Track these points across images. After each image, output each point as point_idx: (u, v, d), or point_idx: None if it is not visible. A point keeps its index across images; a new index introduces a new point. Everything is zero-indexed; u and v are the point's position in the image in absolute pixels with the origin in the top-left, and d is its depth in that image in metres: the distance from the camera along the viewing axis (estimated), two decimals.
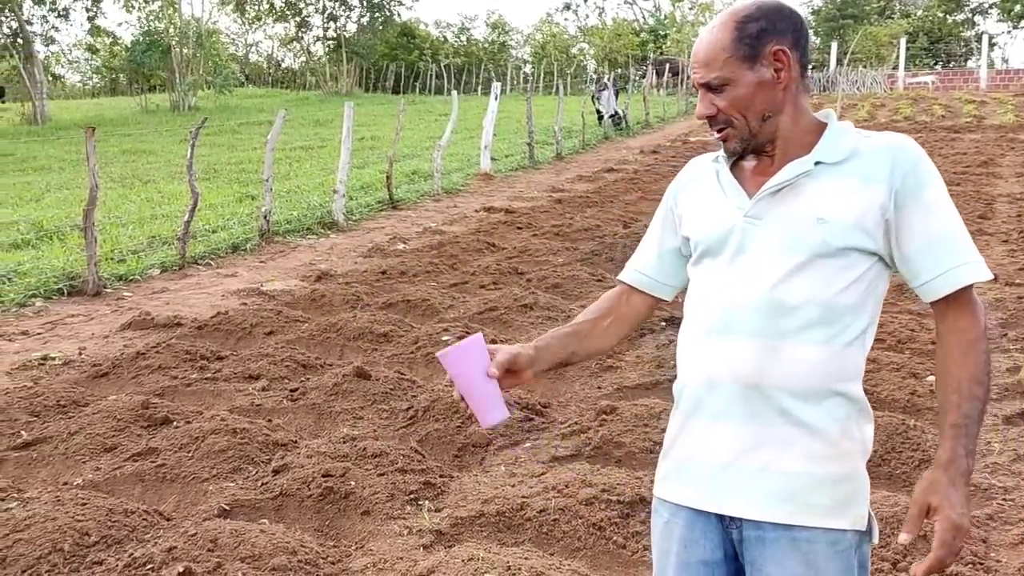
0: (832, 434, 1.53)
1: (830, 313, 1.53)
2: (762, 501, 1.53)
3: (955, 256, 1.53)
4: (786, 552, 1.52)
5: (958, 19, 47.97)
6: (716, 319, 1.59)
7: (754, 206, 1.59)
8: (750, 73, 1.56)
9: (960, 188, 11.13)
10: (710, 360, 1.59)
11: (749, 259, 1.58)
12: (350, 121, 10.86)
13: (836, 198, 1.54)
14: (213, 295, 7.21)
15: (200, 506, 3.44)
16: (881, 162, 1.54)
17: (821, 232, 1.53)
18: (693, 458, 1.61)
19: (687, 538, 1.61)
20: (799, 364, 1.53)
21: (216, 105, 32.87)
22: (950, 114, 22.06)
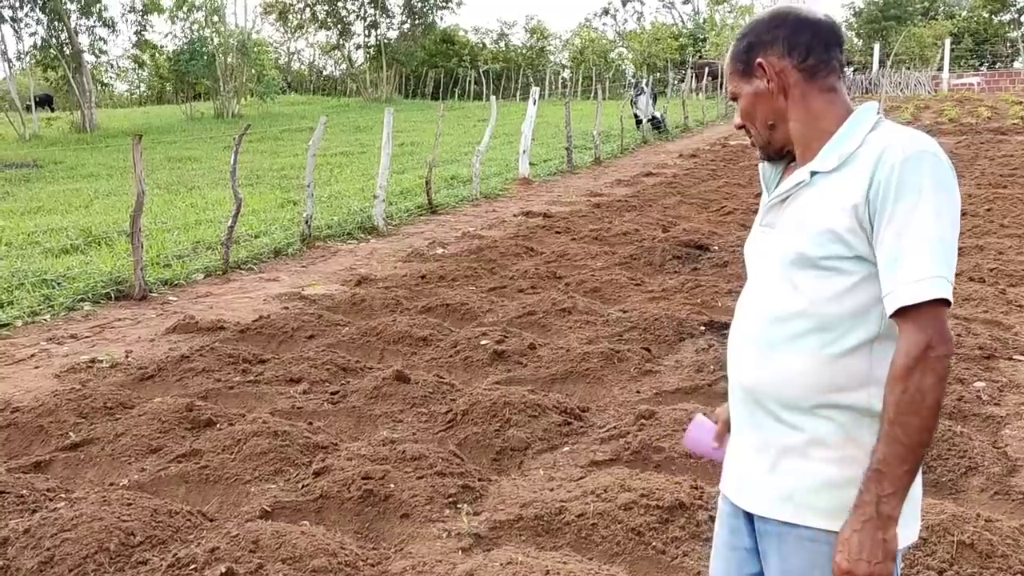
0: (834, 440, 1.54)
1: (822, 322, 1.53)
2: (768, 499, 1.61)
3: (901, 275, 1.45)
4: (792, 549, 1.58)
5: (1004, 19, 46.98)
6: (733, 327, 1.73)
7: (766, 215, 1.68)
8: (747, 86, 1.66)
9: (1007, 191, 10.89)
10: (729, 367, 1.74)
11: (758, 268, 1.67)
12: (390, 127, 10.95)
13: (817, 208, 1.55)
14: (255, 299, 7.32)
15: (242, 507, 3.48)
16: (864, 170, 1.51)
17: (801, 243, 1.55)
18: (729, 454, 1.75)
19: (733, 525, 1.74)
20: (787, 373, 1.57)
21: (259, 112, 33.36)
22: (996, 116, 21.61)
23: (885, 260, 1.48)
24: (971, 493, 3.51)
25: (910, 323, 1.45)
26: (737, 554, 1.71)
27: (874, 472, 1.46)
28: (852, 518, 1.47)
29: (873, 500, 1.45)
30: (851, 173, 1.54)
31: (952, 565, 2.84)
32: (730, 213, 10.48)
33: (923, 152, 1.47)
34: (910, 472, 1.45)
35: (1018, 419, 4.18)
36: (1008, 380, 4.70)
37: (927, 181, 1.46)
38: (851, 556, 1.45)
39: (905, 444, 1.44)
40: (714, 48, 46.05)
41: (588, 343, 5.49)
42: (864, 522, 1.45)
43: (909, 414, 1.43)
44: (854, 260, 1.51)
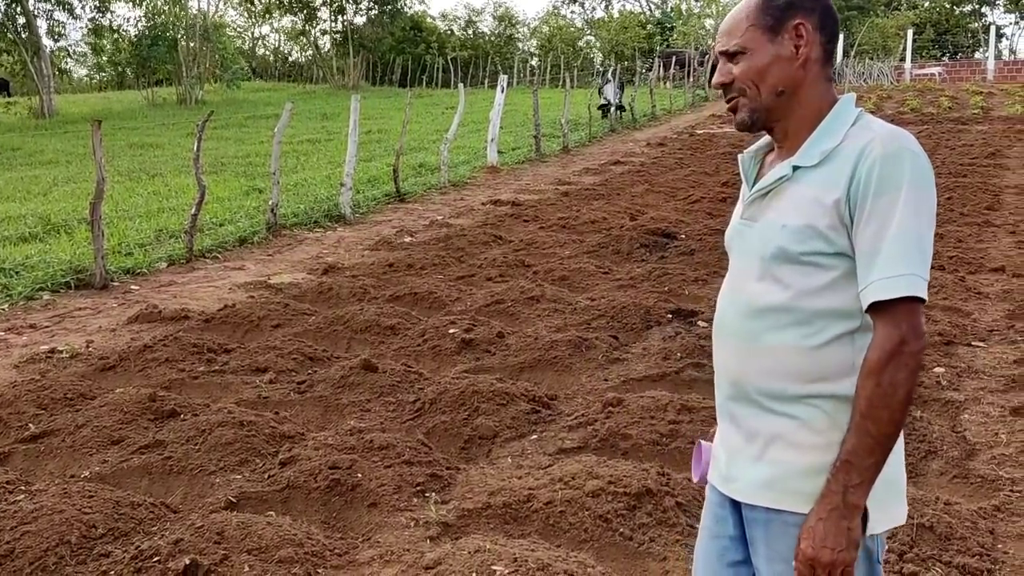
0: (819, 426, 1.56)
1: (803, 316, 1.55)
2: (753, 487, 1.62)
3: (877, 271, 1.46)
4: (777, 534, 1.59)
5: (965, 10, 47.71)
6: (716, 320, 1.72)
7: (747, 208, 1.66)
8: (769, 45, 1.57)
9: (967, 180, 11.08)
10: (715, 359, 1.72)
11: (739, 261, 1.66)
12: (357, 114, 10.86)
13: (800, 204, 1.55)
14: (220, 288, 7.23)
15: (207, 498, 3.45)
16: (845, 167, 1.51)
17: (782, 238, 1.55)
18: (717, 444, 1.75)
19: (718, 514, 1.74)
20: (772, 365, 1.58)
21: (223, 99, 32.88)
22: (957, 106, 21.94)
23: (862, 255, 1.49)
24: (931, 477, 3.57)
25: (885, 318, 1.46)
26: (720, 542, 1.72)
27: (843, 463, 1.48)
28: (818, 506, 1.49)
29: (840, 490, 1.47)
30: (833, 169, 1.54)
31: (912, 547, 2.89)
32: (697, 202, 10.54)
33: (903, 149, 1.49)
34: (877, 464, 1.48)
35: (976, 404, 4.26)
36: (967, 366, 4.79)
37: (907, 178, 1.47)
38: (816, 543, 1.48)
39: (875, 437, 1.46)
40: (681, 37, 46.20)
41: (556, 331, 5.50)
42: (830, 511, 1.47)
43: (881, 408, 1.45)
44: (835, 256, 1.52)
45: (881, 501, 1.54)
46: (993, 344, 5.18)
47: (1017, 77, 30.49)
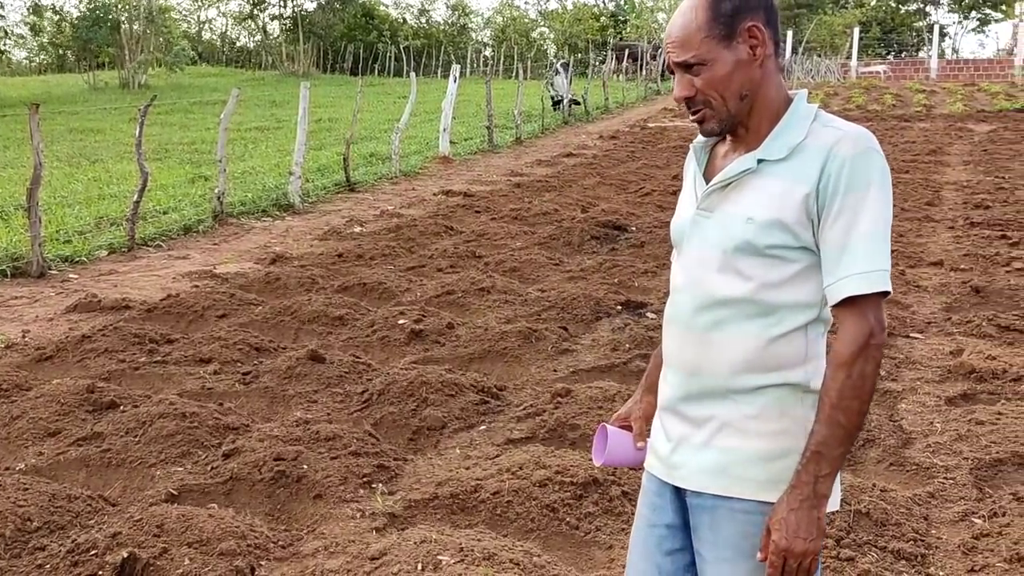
0: (771, 414, 1.59)
1: (766, 307, 1.57)
2: (701, 474, 1.63)
3: (849, 266, 1.50)
4: (723, 521, 1.61)
5: (910, 9, 48.83)
6: (670, 310, 1.70)
7: (705, 199, 1.64)
8: (727, 52, 1.56)
9: (908, 176, 11.35)
10: (667, 348, 1.71)
11: (696, 252, 1.64)
12: (306, 102, 10.71)
13: (767, 198, 1.55)
14: (164, 277, 7.08)
15: (147, 491, 3.38)
16: (814, 162, 1.53)
17: (748, 231, 1.56)
18: (657, 433, 1.75)
19: (655, 503, 1.74)
20: (729, 355, 1.60)
21: (168, 83, 32.17)
22: (901, 103, 22.45)
23: (831, 250, 1.52)
24: (868, 464, 3.66)
25: (855, 312, 1.50)
26: (656, 531, 1.72)
27: (813, 454, 1.50)
28: (789, 497, 1.51)
29: (811, 480, 1.50)
30: (800, 164, 1.55)
31: (849, 533, 2.96)
32: (648, 194, 10.62)
33: (871, 149, 1.53)
34: (844, 454, 1.53)
35: (913, 394, 4.38)
36: (905, 357, 4.91)
37: (875, 178, 1.51)
38: (789, 534, 1.50)
39: (845, 427, 1.50)
40: (635, 30, 46.50)
41: (506, 322, 5.51)
42: (802, 501, 1.50)
43: (851, 399, 1.49)
44: (799, 250, 1.54)
45: None
46: (930, 336, 5.32)
47: (959, 76, 31.29)
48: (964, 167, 12.30)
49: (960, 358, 4.79)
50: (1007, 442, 3.70)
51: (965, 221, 8.69)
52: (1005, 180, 10.91)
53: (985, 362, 4.65)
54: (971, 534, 3.07)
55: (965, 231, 8.28)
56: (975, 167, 12.15)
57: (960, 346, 5.02)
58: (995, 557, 2.92)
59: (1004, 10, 47.16)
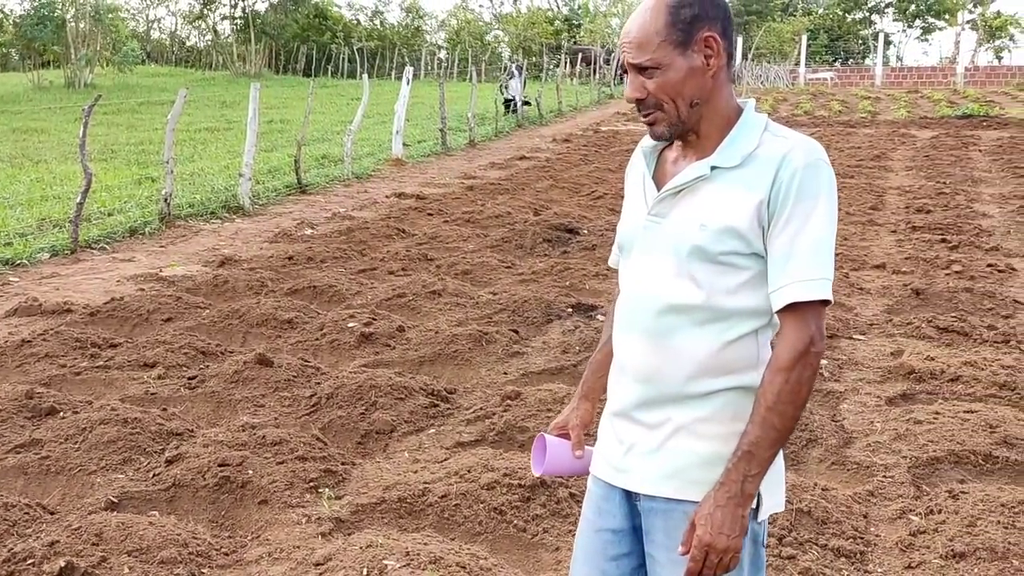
0: (723, 416, 1.61)
1: (718, 313, 1.59)
2: (654, 477, 1.64)
3: (792, 273, 1.53)
4: (677, 524, 1.61)
5: (856, 17, 49.87)
6: (621, 316, 1.70)
7: (657, 205, 1.64)
8: (682, 59, 1.57)
9: (854, 180, 11.59)
10: (618, 354, 1.71)
11: (647, 258, 1.64)
12: (256, 103, 10.58)
13: (719, 205, 1.57)
14: (108, 280, 6.94)
15: (86, 499, 3.31)
16: (767, 171, 1.56)
17: (701, 238, 1.57)
18: (607, 437, 1.73)
19: (601, 507, 1.74)
20: (681, 360, 1.61)
21: (115, 83, 31.48)
22: (847, 109, 22.92)
23: (777, 257, 1.55)
24: (810, 464, 3.73)
25: (796, 319, 1.53)
26: (602, 536, 1.72)
27: (744, 453, 1.53)
28: (716, 494, 1.53)
29: (739, 479, 1.53)
30: (753, 172, 1.57)
31: (791, 531, 3.02)
32: (600, 197, 10.70)
33: (820, 161, 1.56)
34: (774, 455, 1.56)
35: (855, 394, 4.47)
36: (848, 358, 5.02)
37: (824, 188, 1.55)
38: (713, 530, 1.52)
39: (778, 430, 1.53)
40: (588, 34, 46.79)
41: (457, 325, 5.50)
42: (728, 499, 1.52)
43: (787, 403, 1.53)
44: (750, 256, 1.57)
45: (769, 488, 1.61)
46: (873, 337, 5.44)
47: (903, 83, 32.05)
48: (907, 172, 12.60)
49: (900, 359, 4.90)
50: (943, 441, 3.80)
51: (907, 225, 8.91)
52: (946, 185, 11.20)
53: (924, 363, 4.77)
54: (908, 531, 3.15)
55: (907, 235, 8.49)
56: (917, 172, 12.46)
57: (900, 347, 5.14)
58: (931, 554, 2.99)
59: (947, 19, 48.46)
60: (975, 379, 4.54)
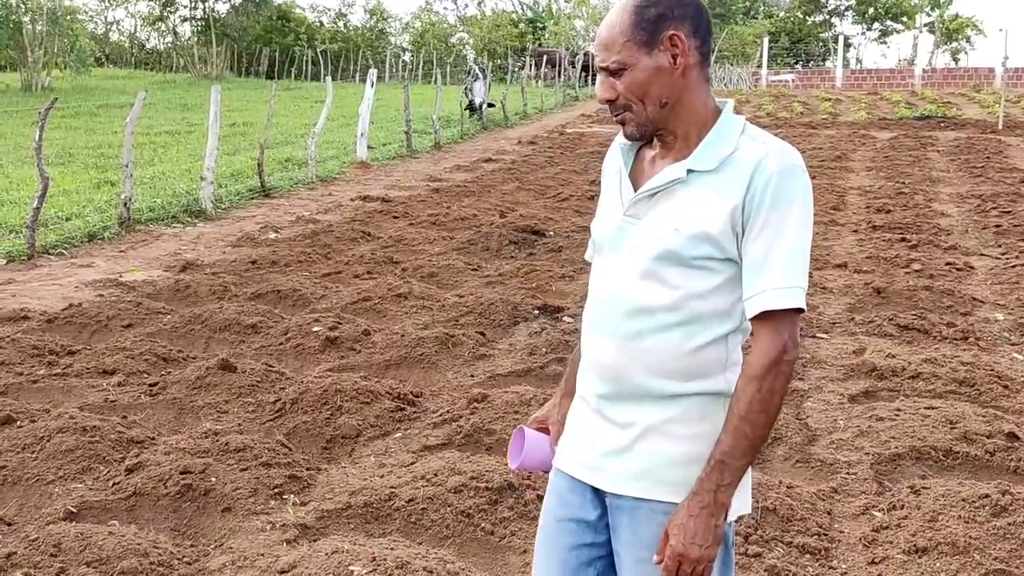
0: (692, 418, 1.61)
1: (690, 316, 1.58)
2: (623, 477, 1.64)
3: (767, 281, 1.52)
4: (643, 522, 1.62)
5: (817, 20, 50.60)
6: (591, 315, 1.69)
7: (633, 206, 1.63)
8: (647, 58, 1.57)
9: (816, 181, 11.72)
10: (588, 353, 1.70)
11: (621, 258, 1.63)
12: (218, 105, 10.45)
13: (694, 209, 1.57)
14: (66, 286, 6.80)
15: (44, 509, 3.23)
16: (742, 176, 1.55)
17: (674, 241, 1.57)
18: (576, 433, 1.73)
19: (565, 498, 1.73)
20: (651, 363, 1.61)
21: (73, 86, 30.94)
22: (808, 111, 23.23)
23: (753, 263, 1.54)
24: (775, 462, 3.76)
25: (769, 327, 1.53)
26: (564, 525, 1.71)
27: (717, 463, 1.53)
28: (690, 503, 1.53)
29: (712, 488, 1.53)
30: (729, 177, 1.56)
31: (757, 530, 3.04)
32: (566, 199, 10.72)
33: (795, 166, 1.56)
34: (747, 465, 1.56)
35: (819, 392, 4.52)
36: (811, 356, 5.07)
37: (798, 195, 1.54)
38: (686, 540, 1.52)
39: (750, 439, 1.53)
40: (553, 37, 46.92)
41: (423, 328, 5.47)
42: (701, 508, 1.52)
43: (759, 412, 1.52)
44: (723, 261, 1.57)
45: (738, 491, 1.60)
46: (835, 336, 5.51)
47: (863, 85, 32.54)
48: (867, 173, 12.79)
49: (862, 357, 4.97)
50: (905, 437, 3.85)
51: (868, 225, 9.04)
52: (905, 185, 11.39)
53: (885, 360, 4.84)
54: (871, 527, 3.19)
55: (868, 234, 8.61)
56: (877, 173, 12.65)
57: (863, 345, 5.21)
58: (894, 549, 3.03)
59: (905, 22, 49.35)
60: (935, 376, 4.61)
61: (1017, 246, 7.97)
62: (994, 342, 5.38)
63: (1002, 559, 2.90)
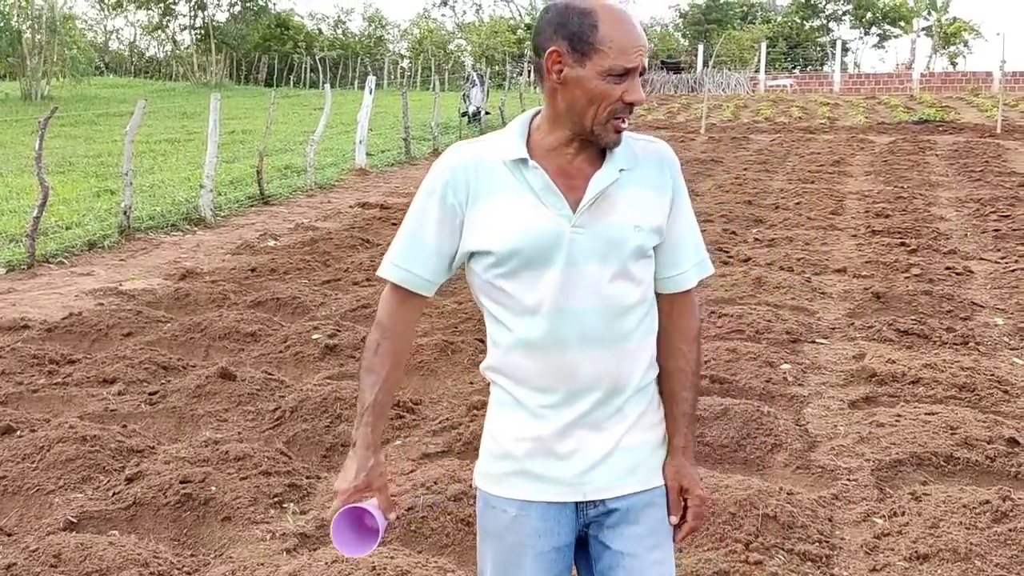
0: (653, 404, 1.74)
1: (649, 305, 1.70)
2: (619, 478, 1.67)
3: (691, 257, 1.73)
4: (646, 512, 1.70)
5: (814, 25, 50.65)
6: (571, 332, 1.62)
7: (580, 216, 1.62)
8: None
9: (814, 186, 11.75)
10: (578, 370, 1.63)
11: (582, 269, 1.62)
12: (217, 113, 10.48)
13: (644, 206, 1.67)
14: (66, 295, 6.80)
15: (44, 520, 3.23)
16: (655, 168, 1.70)
17: (639, 238, 1.65)
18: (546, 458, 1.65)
19: (542, 529, 1.68)
20: (641, 357, 1.69)
21: (73, 95, 31.00)
22: (806, 115, 23.23)
23: (675, 244, 1.71)
24: (776, 468, 3.75)
25: (692, 294, 1.75)
26: (546, 557, 1.67)
27: (691, 417, 1.74)
28: (686, 456, 1.73)
29: (693, 438, 1.75)
30: (646, 171, 1.69)
31: (757, 537, 3.03)
32: None
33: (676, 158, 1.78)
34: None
35: (819, 398, 4.52)
36: (811, 362, 5.07)
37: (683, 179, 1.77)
38: (700, 485, 1.74)
39: (699, 389, 1.77)
40: None
41: (423, 335, 5.47)
42: (695, 458, 1.75)
43: (701, 367, 1.79)
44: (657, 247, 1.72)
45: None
46: (835, 341, 5.51)
47: (861, 89, 32.57)
48: (866, 177, 12.80)
49: (862, 362, 4.96)
50: (906, 443, 3.85)
51: (867, 229, 9.04)
52: (904, 190, 11.40)
53: (885, 366, 4.83)
54: (873, 534, 3.18)
55: (867, 239, 8.61)
56: (876, 177, 12.65)
57: (862, 350, 5.21)
58: (895, 556, 3.02)
59: (903, 26, 49.42)
60: (935, 381, 4.61)
61: (1016, 250, 7.97)
62: (994, 347, 5.37)
63: (1003, 565, 2.90)
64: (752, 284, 6.63)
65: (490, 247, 1.62)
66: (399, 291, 1.73)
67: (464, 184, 1.64)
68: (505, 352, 1.67)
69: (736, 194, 11.14)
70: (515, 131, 1.66)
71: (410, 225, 1.70)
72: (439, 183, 1.67)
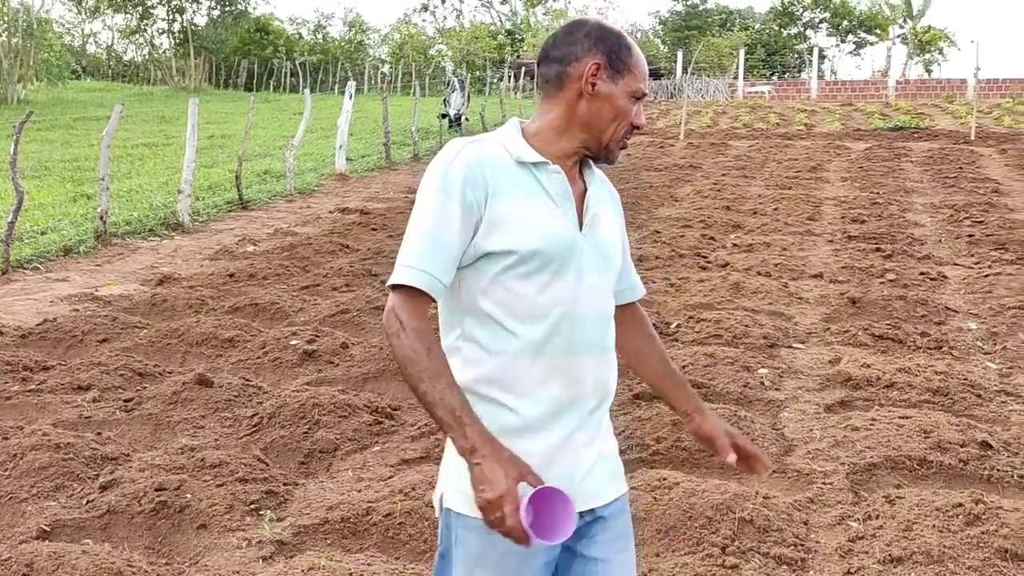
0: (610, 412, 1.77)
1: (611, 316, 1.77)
2: (604, 486, 1.71)
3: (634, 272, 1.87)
4: (619, 516, 1.74)
5: (792, 32, 51.12)
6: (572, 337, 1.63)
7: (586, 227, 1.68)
8: None
9: (792, 192, 11.84)
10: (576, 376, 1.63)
11: (588, 277, 1.67)
12: (195, 118, 10.42)
13: (616, 225, 1.77)
14: (40, 301, 6.74)
15: (16, 528, 3.19)
16: (613, 195, 1.79)
17: (619, 253, 1.77)
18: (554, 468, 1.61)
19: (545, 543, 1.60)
20: (615, 365, 1.76)
21: (49, 99, 30.69)
22: (784, 122, 23.41)
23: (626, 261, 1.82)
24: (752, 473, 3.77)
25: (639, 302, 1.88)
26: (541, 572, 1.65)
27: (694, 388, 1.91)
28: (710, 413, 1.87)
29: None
30: (611, 194, 1.79)
31: (734, 541, 3.05)
32: None
33: None
34: None
35: (795, 402, 4.55)
36: (788, 367, 5.11)
37: None
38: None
39: None
40: (531, 48, 47.08)
41: None
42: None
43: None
44: None
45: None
46: (811, 346, 5.55)
47: (837, 96, 32.87)
48: (842, 183, 12.92)
49: (838, 367, 5.01)
50: (880, 447, 3.88)
51: (843, 235, 9.12)
52: (879, 196, 11.51)
53: (860, 370, 4.88)
54: (847, 537, 3.21)
55: (843, 244, 8.69)
56: (852, 183, 12.77)
57: (838, 355, 5.25)
58: (869, 559, 3.05)
59: (879, 34, 49.96)
60: (909, 385, 4.66)
61: (989, 255, 8.08)
62: (967, 351, 5.44)
63: (976, 568, 2.93)
64: (730, 289, 6.68)
65: (512, 247, 1.58)
66: (420, 296, 1.59)
67: (483, 181, 1.59)
68: (510, 360, 1.60)
69: (714, 200, 11.21)
70: (515, 135, 1.68)
71: (429, 226, 1.58)
72: (457, 180, 1.58)
